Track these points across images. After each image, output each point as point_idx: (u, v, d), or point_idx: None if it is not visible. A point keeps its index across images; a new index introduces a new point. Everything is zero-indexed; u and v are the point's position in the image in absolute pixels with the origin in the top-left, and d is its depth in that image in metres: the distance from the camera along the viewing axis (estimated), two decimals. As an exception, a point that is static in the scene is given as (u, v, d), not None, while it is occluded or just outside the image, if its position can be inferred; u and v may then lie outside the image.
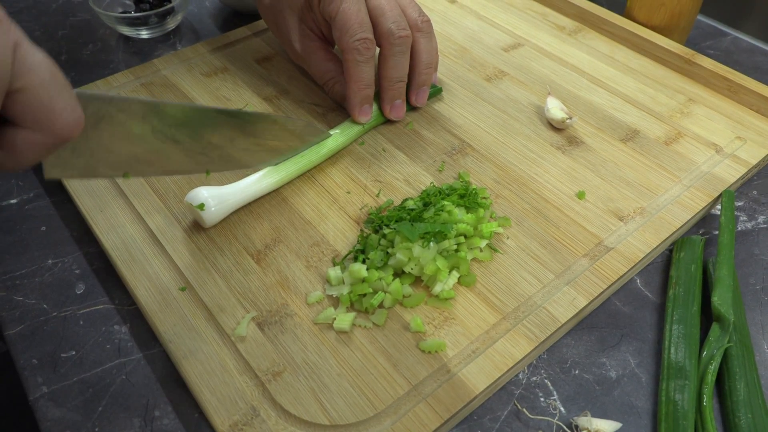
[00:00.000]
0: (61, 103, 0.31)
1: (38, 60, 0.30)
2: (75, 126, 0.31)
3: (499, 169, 0.57)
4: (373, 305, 0.45)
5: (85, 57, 0.74)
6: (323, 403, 0.41)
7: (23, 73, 0.29)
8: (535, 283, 0.48)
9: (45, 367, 0.45)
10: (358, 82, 0.56)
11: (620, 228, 0.52)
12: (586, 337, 0.47)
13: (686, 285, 0.49)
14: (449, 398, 0.41)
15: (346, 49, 0.55)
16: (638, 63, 0.69)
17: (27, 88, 0.29)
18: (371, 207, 0.54)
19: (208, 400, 0.42)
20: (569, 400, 0.44)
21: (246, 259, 0.50)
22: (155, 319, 0.46)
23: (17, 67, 0.29)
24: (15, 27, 0.29)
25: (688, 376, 0.43)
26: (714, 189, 0.55)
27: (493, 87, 0.66)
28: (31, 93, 0.29)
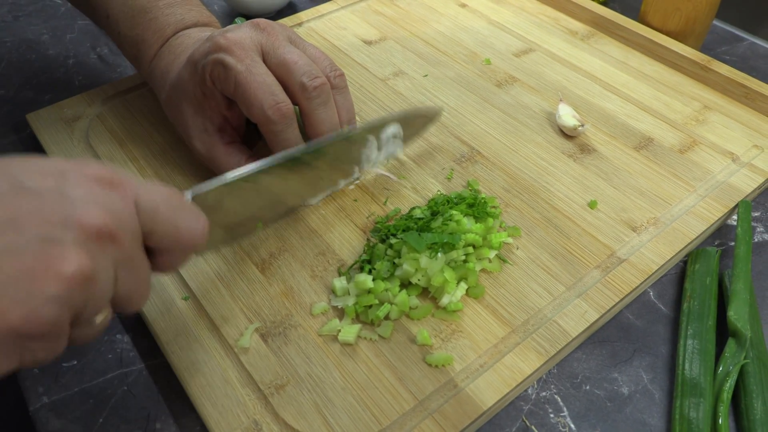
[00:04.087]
0: (185, 225, 0.35)
1: (156, 199, 0.33)
2: (201, 235, 0.36)
3: (509, 177, 0.56)
4: (379, 317, 0.44)
5: (92, 61, 0.74)
6: (327, 418, 0.40)
7: (148, 220, 0.33)
8: (546, 296, 0.47)
9: (46, 376, 0.45)
10: (285, 149, 0.49)
11: (633, 239, 0.51)
12: (597, 352, 0.46)
13: (701, 298, 0.48)
14: (456, 414, 0.40)
15: (259, 123, 0.48)
16: (652, 69, 0.68)
17: (155, 230, 0.33)
18: (378, 215, 0.53)
19: (209, 413, 0.41)
20: (580, 417, 0.43)
21: (250, 268, 0.49)
22: (158, 329, 0.45)
23: (143, 218, 0.32)
24: (130, 181, 0.33)
25: (703, 394, 0.42)
26: (730, 199, 0.54)
27: (503, 93, 0.65)
28: (158, 232, 0.33)
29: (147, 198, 0.33)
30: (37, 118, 0.61)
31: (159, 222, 0.33)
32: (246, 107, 0.48)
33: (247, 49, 0.48)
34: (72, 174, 0.31)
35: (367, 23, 0.75)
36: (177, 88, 0.52)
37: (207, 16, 0.58)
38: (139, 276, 0.33)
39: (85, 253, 0.29)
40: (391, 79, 0.67)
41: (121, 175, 0.32)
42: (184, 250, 0.35)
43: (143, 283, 0.34)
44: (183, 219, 0.35)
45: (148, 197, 0.33)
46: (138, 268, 0.33)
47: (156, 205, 0.33)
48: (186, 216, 0.35)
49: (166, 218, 0.33)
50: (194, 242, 0.35)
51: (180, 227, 0.34)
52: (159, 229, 0.33)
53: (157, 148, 0.59)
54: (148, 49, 0.55)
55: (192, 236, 0.35)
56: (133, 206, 0.32)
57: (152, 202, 0.33)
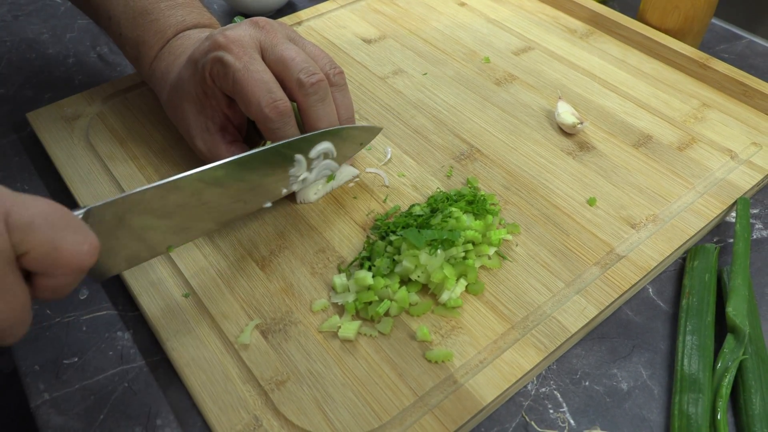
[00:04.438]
0: (69, 244, 0.31)
1: (31, 215, 0.30)
2: (87, 257, 0.32)
3: (508, 174, 0.56)
4: (379, 313, 0.45)
5: (92, 60, 0.74)
6: (327, 414, 0.41)
7: (21, 238, 0.29)
8: (545, 292, 0.47)
9: (47, 373, 0.45)
10: None
11: (632, 235, 0.51)
12: (596, 348, 0.46)
13: (700, 294, 0.48)
14: (456, 410, 0.40)
15: (257, 120, 0.48)
16: (651, 67, 0.68)
17: (30, 249, 0.30)
18: (378, 213, 0.53)
19: (210, 409, 0.41)
20: (579, 413, 0.43)
21: (250, 265, 0.49)
22: (158, 325, 0.45)
23: (14, 236, 0.29)
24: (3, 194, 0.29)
25: (701, 389, 0.42)
26: (728, 196, 0.54)
27: (502, 91, 0.65)
28: (35, 252, 0.30)
29: (20, 214, 0.29)
30: (38, 117, 0.62)
31: (34, 241, 0.30)
32: (244, 105, 0.48)
33: (245, 46, 0.48)
34: None
35: (366, 22, 0.75)
36: (178, 87, 0.52)
37: (208, 18, 0.58)
38: (11, 302, 0.30)
39: None
40: (390, 77, 0.67)
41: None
42: (66, 272, 0.32)
43: (17, 311, 0.30)
44: (65, 237, 0.31)
45: (21, 213, 0.29)
46: (10, 294, 0.29)
47: (30, 221, 0.30)
48: (68, 234, 0.31)
49: (43, 237, 0.30)
50: (79, 264, 0.32)
51: (61, 247, 0.31)
52: (35, 249, 0.30)
53: (158, 147, 0.59)
54: (149, 50, 0.55)
55: (76, 257, 0.31)
56: (3, 221, 0.29)
57: (26, 217, 0.29)
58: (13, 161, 0.60)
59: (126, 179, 0.56)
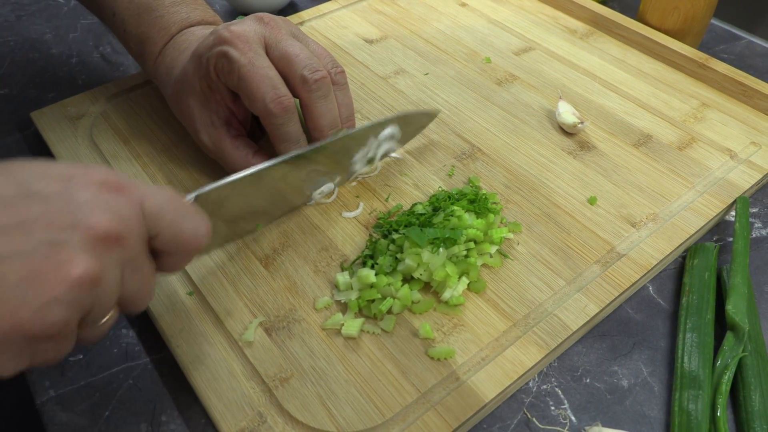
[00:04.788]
0: (189, 228, 0.35)
1: (160, 203, 0.34)
2: (203, 237, 0.36)
3: (509, 173, 0.57)
4: (382, 311, 0.45)
5: (95, 60, 0.74)
6: (331, 410, 0.41)
7: (153, 223, 0.33)
8: (546, 290, 0.47)
9: (52, 370, 0.45)
10: (286, 141, 0.50)
11: (632, 234, 0.51)
12: (597, 345, 0.47)
13: (700, 293, 0.48)
14: (458, 406, 0.41)
15: (261, 116, 0.49)
16: (651, 67, 0.69)
17: (160, 233, 0.34)
18: (380, 211, 0.53)
19: (215, 406, 0.41)
20: (580, 409, 0.43)
21: (254, 263, 0.49)
22: (163, 323, 0.46)
23: (148, 221, 0.33)
24: (135, 185, 0.33)
25: (701, 386, 0.43)
26: (728, 195, 0.54)
27: (503, 91, 0.66)
28: (163, 234, 0.34)
29: (152, 201, 0.33)
30: (41, 116, 0.62)
31: (164, 225, 0.34)
32: (248, 100, 0.49)
33: (250, 42, 0.49)
34: (78, 178, 0.31)
35: (367, 22, 0.76)
36: (182, 82, 0.53)
37: (211, 15, 0.58)
38: (144, 277, 0.34)
39: (92, 256, 0.29)
40: (392, 77, 0.68)
41: (126, 179, 0.33)
42: (187, 251, 0.36)
43: (148, 285, 0.34)
44: (187, 221, 0.35)
45: (152, 201, 0.33)
46: (143, 270, 0.33)
47: (160, 208, 0.34)
48: (189, 218, 0.35)
49: (170, 221, 0.34)
50: (198, 244, 0.36)
51: (184, 230, 0.35)
52: (164, 231, 0.34)
53: (161, 146, 0.59)
54: (153, 46, 0.56)
55: (195, 238, 0.36)
56: (139, 210, 0.32)
57: (157, 205, 0.33)
58: (17, 160, 0.61)
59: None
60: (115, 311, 0.34)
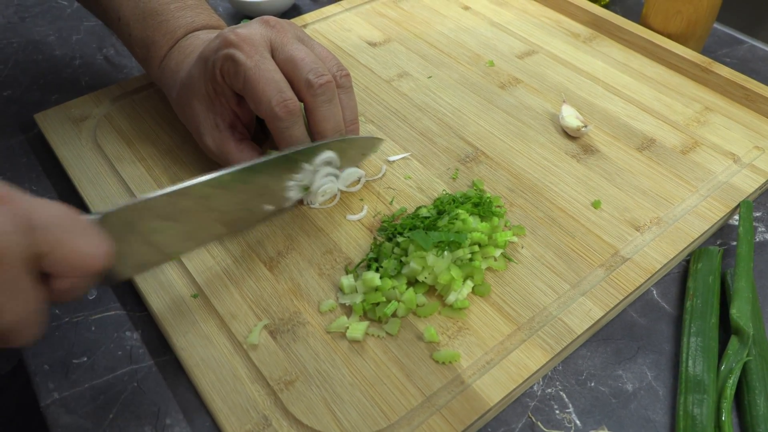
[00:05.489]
0: (83, 247, 0.32)
1: (50, 218, 0.31)
2: (101, 258, 0.33)
3: (513, 177, 0.57)
4: (387, 314, 0.45)
5: (98, 62, 0.74)
6: (335, 414, 0.41)
7: (40, 241, 0.30)
8: (551, 294, 0.47)
9: (56, 373, 0.45)
10: (291, 145, 0.50)
11: (636, 238, 0.51)
12: (601, 349, 0.47)
13: (704, 297, 0.48)
14: (463, 410, 0.41)
15: (266, 119, 0.49)
16: (654, 71, 0.69)
17: (48, 252, 0.30)
18: (384, 214, 0.53)
19: (219, 409, 0.41)
20: (585, 413, 0.43)
21: (258, 266, 0.49)
22: (167, 326, 0.46)
23: (33, 239, 0.30)
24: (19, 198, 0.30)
25: (706, 390, 0.43)
26: (732, 199, 0.55)
27: (507, 94, 0.66)
28: (52, 255, 0.31)
29: (39, 216, 0.30)
30: (45, 118, 0.62)
31: (52, 243, 0.30)
32: (254, 103, 0.49)
33: (256, 45, 0.49)
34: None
35: (371, 25, 0.76)
36: (187, 85, 0.53)
37: (216, 20, 0.58)
38: (25, 304, 0.30)
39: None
40: (395, 80, 0.68)
41: (10, 191, 0.30)
42: (81, 274, 0.33)
43: (31, 313, 0.31)
44: (81, 241, 0.32)
45: (40, 216, 0.30)
46: (25, 295, 0.30)
47: (50, 223, 0.30)
48: (84, 238, 0.32)
49: (60, 239, 0.31)
50: (93, 266, 0.33)
51: (77, 250, 0.32)
52: (53, 250, 0.31)
53: (165, 148, 0.59)
54: (158, 50, 0.56)
55: (90, 260, 0.32)
56: (21, 225, 0.29)
57: (46, 220, 0.30)
58: (20, 162, 0.61)
59: (134, 180, 0.56)
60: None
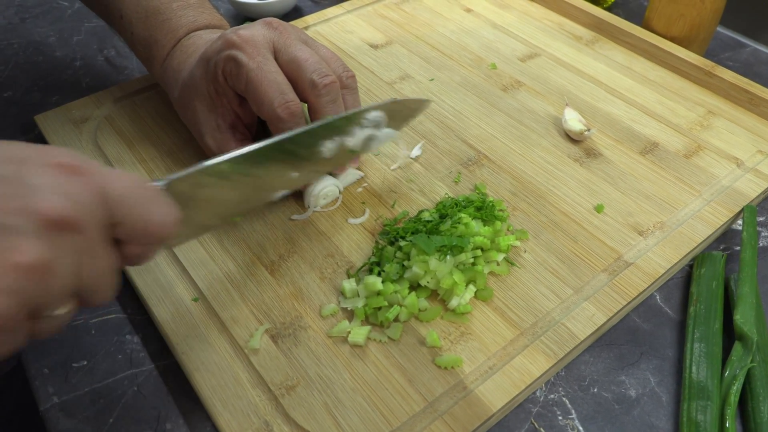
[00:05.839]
0: (155, 215, 0.33)
1: (124, 188, 0.32)
2: (170, 226, 0.34)
3: (515, 180, 0.56)
4: (389, 319, 0.45)
5: (99, 63, 0.74)
6: (337, 419, 0.41)
7: (115, 210, 0.31)
8: (553, 299, 0.47)
9: (56, 376, 0.45)
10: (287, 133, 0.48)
11: (640, 243, 0.51)
12: (604, 355, 0.47)
13: (707, 302, 0.48)
14: (466, 416, 0.41)
15: (268, 120, 0.49)
16: (656, 74, 0.69)
17: (122, 220, 0.32)
18: (386, 218, 0.53)
19: (220, 414, 0.41)
20: (588, 419, 0.43)
21: (260, 270, 0.49)
22: (168, 329, 0.45)
23: (109, 208, 0.31)
24: (96, 169, 0.31)
25: (710, 396, 0.42)
26: (735, 204, 0.54)
27: (509, 97, 0.66)
28: (126, 222, 0.32)
29: (114, 186, 0.31)
30: (46, 120, 0.62)
31: (126, 212, 0.32)
32: (256, 104, 0.49)
33: (259, 46, 0.48)
34: (33, 160, 0.29)
35: (373, 27, 0.76)
36: (189, 86, 0.52)
37: (218, 19, 0.58)
38: (103, 268, 0.31)
39: (43, 243, 0.28)
40: (397, 82, 0.67)
41: (87, 162, 0.31)
42: (153, 241, 0.34)
43: (108, 276, 0.32)
44: (152, 209, 0.33)
45: (115, 186, 0.31)
46: (102, 260, 0.31)
47: (123, 194, 0.32)
48: (155, 206, 0.33)
49: (134, 208, 0.32)
50: (164, 233, 0.34)
51: (149, 218, 0.33)
52: (127, 219, 0.32)
53: (166, 150, 0.59)
54: (160, 49, 0.56)
55: (162, 227, 0.33)
56: (99, 195, 0.30)
57: (120, 190, 0.31)
58: (20, 164, 0.60)
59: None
60: (72, 303, 0.31)
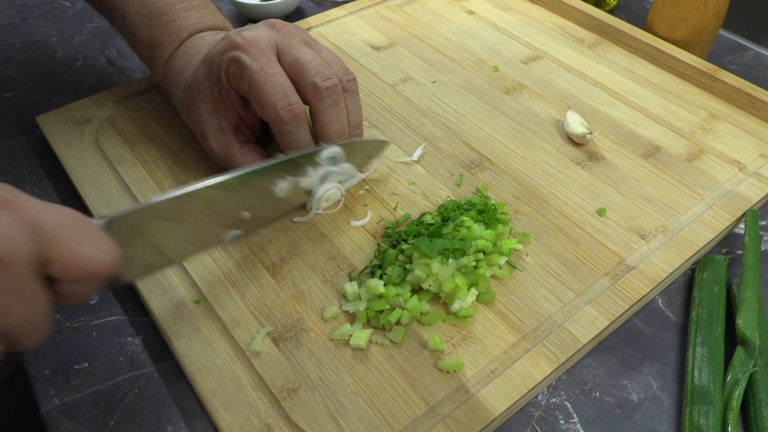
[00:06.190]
0: (90, 253, 0.32)
1: (57, 223, 0.31)
2: (108, 264, 0.33)
3: (517, 183, 0.56)
4: (391, 322, 0.45)
5: (101, 63, 0.74)
6: (339, 422, 0.41)
7: (47, 246, 0.30)
8: (556, 302, 0.47)
9: (57, 378, 0.45)
10: (295, 149, 0.50)
11: (642, 246, 0.51)
12: (606, 359, 0.46)
13: (709, 306, 0.48)
14: (467, 420, 0.40)
15: (271, 122, 0.49)
16: (659, 77, 0.69)
17: (55, 258, 0.30)
18: (388, 221, 0.53)
19: (221, 417, 0.41)
20: (590, 424, 0.43)
21: (261, 272, 0.49)
22: (169, 332, 0.45)
23: (40, 244, 0.30)
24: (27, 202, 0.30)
25: (712, 401, 0.42)
26: (737, 208, 0.54)
27: (511, 99, 0.65)
28: (60, 260, 0.30)
29: (47, 222, 0.30)
30: (47, 120, 0.62)
31: (59, 249, 0.30)
32: (259, 106, 0.49)
33: (262, 48, 0.48)
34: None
35: (375, 29, 0.76)
36: (192, 87, 0.52)
37: (222, 21, 0.58)
38: (33, 308, 0.30)
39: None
40: (399, 84, 0.67)
41: (18, 195, 0.30)
42: (88, 279, 0.32)
43: (38, 317, 0.31)
44: (88, 246, 0.32)
45: (48, 221, 0.30)
46: (32, 299, 0.30)
47: (57, 230, 0.30)
48: (91, 243, 0.32)
49: (67, 245, 0.31)
50: (100, 271, 0.32)
51: (83, 255, 0.31)
52: (60, 257, 0.30)
53: (168, 151, 0.59)
54: (163, 50, 0.55)
55: (98, 265, 0.32)
56: (29, 230, 0.29)
57: (53, 226, 0.30)
58: (22, 164, 0.60)
59: (136, 184, 0.56)
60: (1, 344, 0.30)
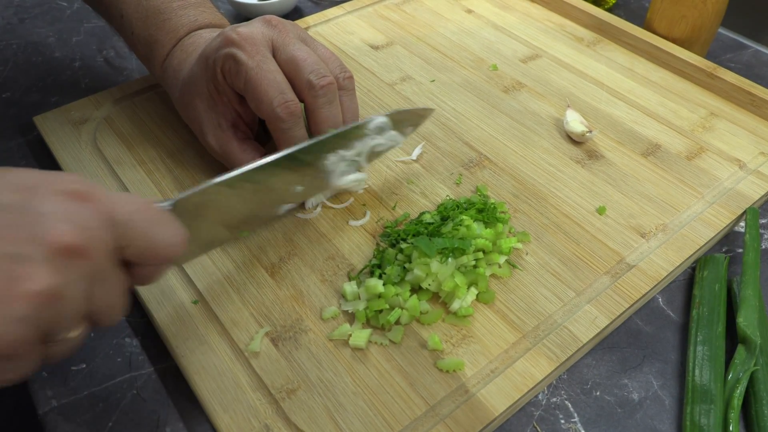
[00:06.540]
0: (162, 237, 0.34)
1: (130, 212, 0.32)
2: (177, 248, 0.35)
3: (517, 182, 0.56)
4: (390, 322, 0.44)
5: (98, 63, 0.73)
6: (338, 423, 0.40)
7: (122, 234, 0.32)
8: (556, 301, 0.47)
9: (55, 380, 0.44)
10: (291, 146, 0.48)
11: (642, 245, 0.51)
12: (607, 358, 0.46)
13: (710, 305, 0.48)
14: (468, 420, 0.40)
15: (267, 120, 0.49)
16: (658, 76, 0.68)
17: (130, 244, 0.32)
18: (387, 220, 0.53)
19: (220, 417, 0.41)
20: (590, 423, 0.43)
21: (260, 272, 0.49)
22: (167, 332, 0.45)
23: (116, 231, 0.31)
24: (103, 194, 0.32)
25: (713, 400, 0.42)
26: (738, 206, 0.54)
27: (510, 99, 0.65)
28: (134, 245, 0.32)
29: (121, 211, 0.32)
30: (45, 121, 0.61)
31: (134, 236, 0.32)
32: (255, 103, 0.49)
33: (258, 44, 0.48)
34: (42, 188, 0.30)
35: (373, 28, 0.75)
36: (189, 84, 0.52)
37: (219, 18, 0.58)
38: (113, 291, 0.32)
39: (54, 271, 0.28)
40: (398, 84, 0.67)
41: (94, 188, 0.31)
42: (161, 262, 0.35)
43: (118, 298, 0.33)
44: (159, 231, 0.34)
45: (122, 210, 0.32)
46: (112, 283, 0.32)
47: (131, 218, 0.32)
48: (162, 228, 0.34)
49: (141, 231, 0.33)
50: (171, 254, 0.34)
51: (156, 240, 0.33)
52: (134, 242, 0.32)
53: (166, 151, 0.59)
54: (161, 49, 0.55)
55: (169, 249, 0.34)
56: (106, 220, 0.31)
57: (127, 215, 0.32)
58: (19, 165, 0.60)
59: (134, 184, 0.55)
60: (84, 326, 0.32)
